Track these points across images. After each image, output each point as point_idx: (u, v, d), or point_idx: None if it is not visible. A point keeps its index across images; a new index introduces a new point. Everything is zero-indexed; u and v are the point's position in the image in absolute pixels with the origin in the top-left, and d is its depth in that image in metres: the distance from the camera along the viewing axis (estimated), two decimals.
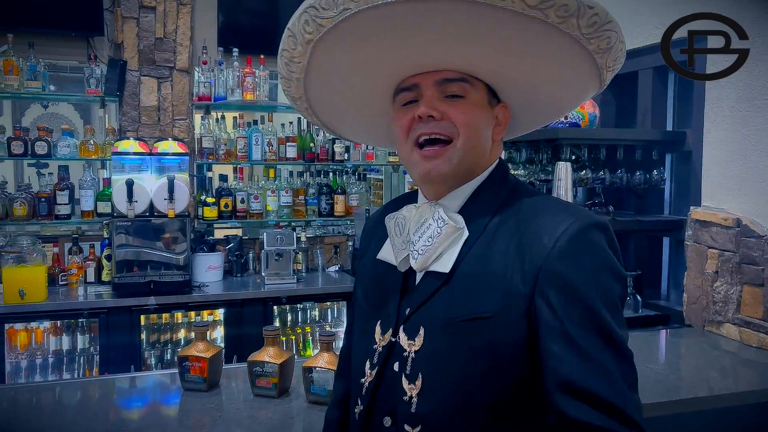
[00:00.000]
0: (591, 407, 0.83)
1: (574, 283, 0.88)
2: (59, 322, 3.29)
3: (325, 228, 4.39)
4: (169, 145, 3.43)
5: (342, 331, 3.16)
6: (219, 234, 4.02)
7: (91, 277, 3.49)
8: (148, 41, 3.72)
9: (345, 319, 3.80)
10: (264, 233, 3.66)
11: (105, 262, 3.49)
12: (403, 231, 1.05)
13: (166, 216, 3.32)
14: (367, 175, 4.52)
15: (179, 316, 3.56)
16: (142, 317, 3.32)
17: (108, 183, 3.48)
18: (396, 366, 1.00)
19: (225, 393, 1.86)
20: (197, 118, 3.94)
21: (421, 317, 0.99)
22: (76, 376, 3.35)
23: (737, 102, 2.48)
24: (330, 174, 4.23)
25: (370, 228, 1.24)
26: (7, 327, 3.16)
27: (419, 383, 0.96)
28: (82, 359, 3.38)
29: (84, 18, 3.66)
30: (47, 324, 3.29)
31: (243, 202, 3.86)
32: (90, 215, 3.58)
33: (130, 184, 3.24)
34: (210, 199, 3.79)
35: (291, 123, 4.07)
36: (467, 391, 0.93)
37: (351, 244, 4.11)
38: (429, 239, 1.00)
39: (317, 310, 3.93)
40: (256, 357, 1.81)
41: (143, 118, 3.74)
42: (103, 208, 3.53)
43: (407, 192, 1.60)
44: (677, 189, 3.02)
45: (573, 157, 2.90)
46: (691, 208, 2.69)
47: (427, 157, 1.00)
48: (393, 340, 1.02)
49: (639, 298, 2.87)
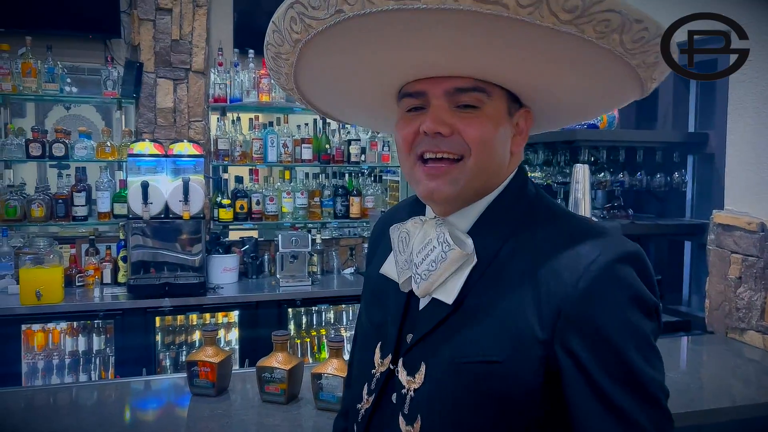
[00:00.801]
0: None
1: (599, 329, 0.79)
2: (75, 323, 3.31)
3: (341, 230, 4.36)
4: (185, 147, 3.44)
5: None
6: (234, 236, 4.00)
7: (108, 279, 3.50)
8: (164, 43, 3.73)
9: None
10: (279, 235, 3.65)
11: (121, 263, 3.50)
12: (407, 248, 0.94)
13: (181, 218, 3.33)
14: (383, 177, 4.49)
15: (194, 318, 3.56)
16: (157, 319, 3.32)
17: (124, 185, 3.50)
18: (394, 398, 0.92)
19: (234, 398, 1.84)
20: (213, 119, 3.94)
21: (423, 351, 0.90)
22: (91, 377, 3.37)
23: (762, 102, 2.40)
24: (345, 175, 4.20)
25: (379, 231, 1.13)
26: (25, 327, 3.18)
27: (418, 426, 0.87)
28: (97, 360, 3.40)
29: (101, 21, 3.69)
30: (64, 325, 3.31)
31: (258, 203, 3.86)
32: (107, 217, 3.60)
33: (145, 185, 3.25)
34: (225, 201, 3.79)
35: (307, 124, 4.05)
36: None
37: (366, 246, 4.08)
38: (432, 263, 0.88)
39: (332, 312, 3.90)
40: (264, 363, 1.78)
41: (159, 119, 3.75)
42: (120, 209, 3.54)
43: None
44: (699, 192, 2.94)
45: (591, 159, 2.84)
46: (714, 211, 2.61)
47: (432, 176, 0.88)
48: (392, 367, 0.94)
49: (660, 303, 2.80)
